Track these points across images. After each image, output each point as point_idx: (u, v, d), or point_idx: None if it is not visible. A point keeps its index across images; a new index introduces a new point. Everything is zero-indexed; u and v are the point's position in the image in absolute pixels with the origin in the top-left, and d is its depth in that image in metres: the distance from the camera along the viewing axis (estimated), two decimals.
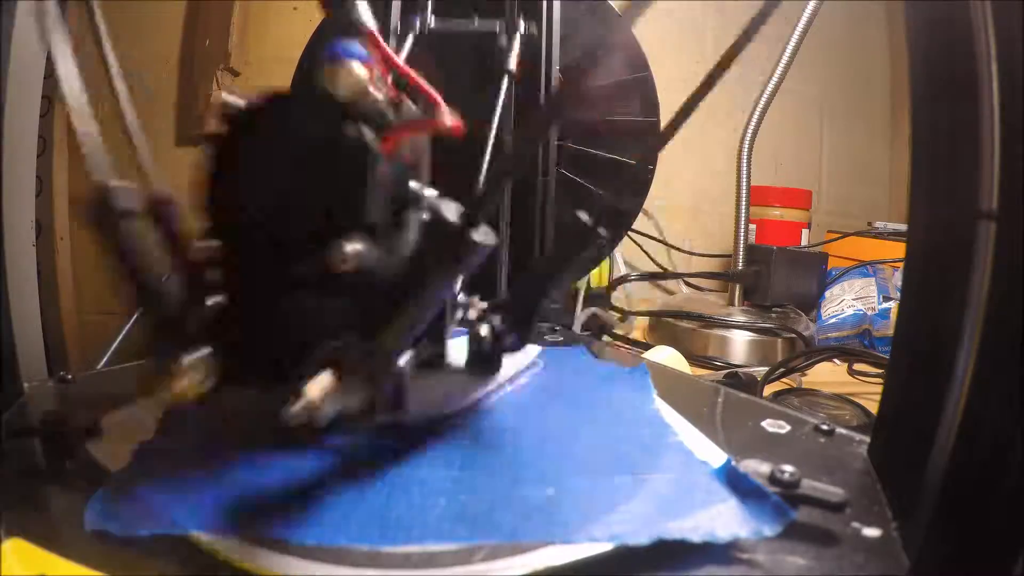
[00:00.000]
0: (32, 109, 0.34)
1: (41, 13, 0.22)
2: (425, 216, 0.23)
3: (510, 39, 0.46)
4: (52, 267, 0.96)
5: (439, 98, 0.25)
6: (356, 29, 0.24)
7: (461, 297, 0.29)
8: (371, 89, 0.22)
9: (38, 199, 0.36)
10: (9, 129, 0.30)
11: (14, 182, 0.32)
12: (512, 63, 0.44)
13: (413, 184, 0.23)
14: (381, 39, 0.25)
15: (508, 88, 0.42)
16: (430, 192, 0.24)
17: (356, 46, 0.22)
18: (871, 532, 0.20)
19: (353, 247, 0.20)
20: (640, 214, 0.63)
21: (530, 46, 0.48)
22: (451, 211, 0.22)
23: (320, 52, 0.23)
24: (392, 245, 0.22)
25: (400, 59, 0.26)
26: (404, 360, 0.22)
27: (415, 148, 0.25)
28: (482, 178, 0.35)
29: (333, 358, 0.20)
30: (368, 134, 0.21)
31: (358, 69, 0.21)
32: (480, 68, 0.47)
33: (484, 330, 0.27)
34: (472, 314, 0.29)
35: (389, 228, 0.22)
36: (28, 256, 0.35)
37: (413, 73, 0.25)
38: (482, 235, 0.21)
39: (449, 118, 0.24)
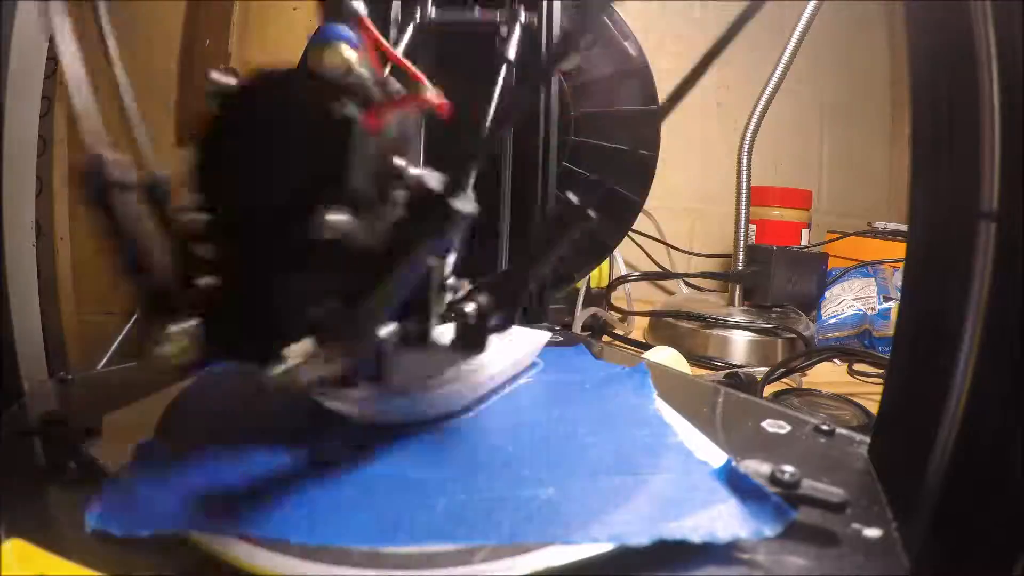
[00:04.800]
0: (32, 109, 0.34)
1: None
2: (409, 187, 0.24)
3: (510, 28, 0.47)
4: (52, 267, 0.96)
5: (424, 78, 0.27)
6: (347, 14, 0.25)
7: (451, 280, 0.29)
8: (358, 69, 0.23)
9: (38, 199, 0.36)
10: (9, 129, 0.30)
11: (14, 182, 0.32)
12: (511, 52, 0.44)
13: (397, 160, 0.24)
14: (370, 23, 0.27)
15: (507, 76, 0.43)
16: (416, 169, 0.24)
17: (344, 29, 0.23)
18: (871, 532, 0.20)
19: (334, 217, 0.20)
20: (640, 214, 0.63)
21: (529, 37, 0.48)
22: (434, 180, 0.22)
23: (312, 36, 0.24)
24: (376, 217, 0.22)
25: (393, 46, 0.27)
26: (386, 331, 0.23)
27: (403, 127, 0.26)
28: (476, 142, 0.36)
29: (316, 325, 0.20)
30: (353, 110, 0.22)
31: (345, 50, 0.22)
32: (481, 59, 0.47)
33: (470, 307, 0.27)
34: (460, 293, 0.29)
35: (374, 201, 0.23)
36: (28, 256, 0.35)
37: (398, 55, 0.27)
38: (463, 203, 0.21)
39: (434, 96, 0.25)
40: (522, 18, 0.48)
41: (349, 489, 0.22)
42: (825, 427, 0.29)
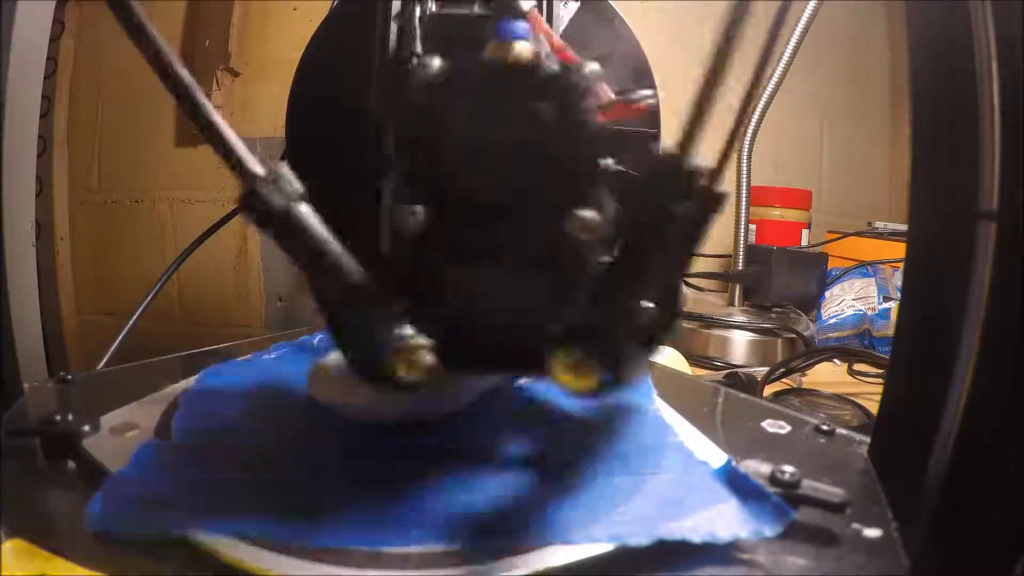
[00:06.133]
0: (32, 109, 0.34)
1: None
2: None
3: None
4: (52, 267, 0.96)
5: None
6: (518, 10, 0.24)
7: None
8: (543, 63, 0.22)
9: (38, 199, 0.36)
10: (9, 129, 0.30)
11: (14, 182, 0.32)
12: None
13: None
14: (543, 19, 0.25)
15: None
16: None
17: (521, 25, 0.22)
18: (871, 532, 0.20)
19: (586, 213, 0.20)
20: None
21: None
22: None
23: (490, 32, 0.22)
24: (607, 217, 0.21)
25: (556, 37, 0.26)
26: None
27: None
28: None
29: (573, 331, 0.19)
30: (589, 106, 0.21)
31: (523, 47, 0.22)
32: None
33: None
34: None
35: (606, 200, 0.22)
36: (28, 256, 0.35)
37: (570, 51, 0.25)
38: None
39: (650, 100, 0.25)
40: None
41: (349, 490, 0.22)
42: (825, 427, 0.29)
